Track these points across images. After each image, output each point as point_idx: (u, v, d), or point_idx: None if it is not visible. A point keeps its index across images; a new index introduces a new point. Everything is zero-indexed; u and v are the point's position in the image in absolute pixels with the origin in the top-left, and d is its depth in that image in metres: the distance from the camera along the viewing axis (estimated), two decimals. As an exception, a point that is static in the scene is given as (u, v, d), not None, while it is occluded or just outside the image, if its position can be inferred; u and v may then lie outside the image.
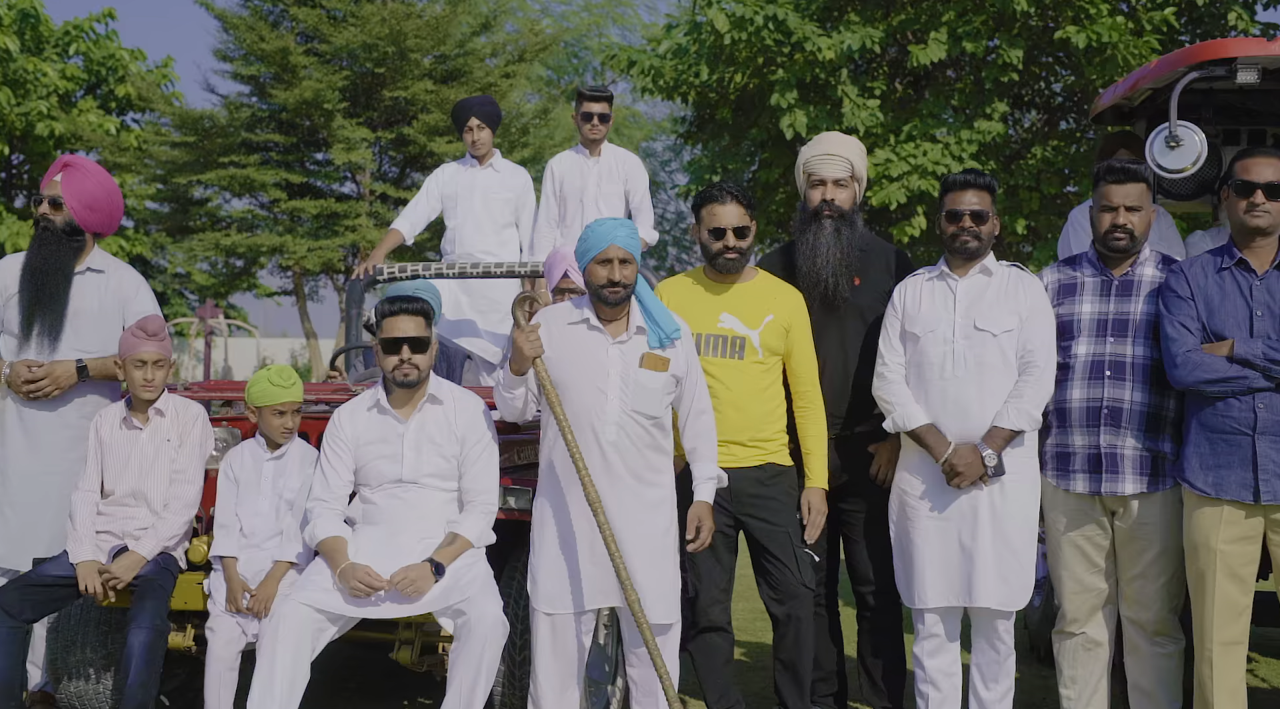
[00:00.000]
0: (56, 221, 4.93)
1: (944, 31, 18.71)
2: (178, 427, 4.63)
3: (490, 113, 7.11)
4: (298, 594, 4.17)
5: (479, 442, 4.40)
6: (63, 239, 4.93)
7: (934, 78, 20.82)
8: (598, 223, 4.27)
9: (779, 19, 18.48)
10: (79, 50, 19.62)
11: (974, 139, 19.08)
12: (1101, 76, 18.42)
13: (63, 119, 18.74)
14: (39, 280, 4.86)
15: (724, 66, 19.81)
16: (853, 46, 18.62)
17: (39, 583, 4.44)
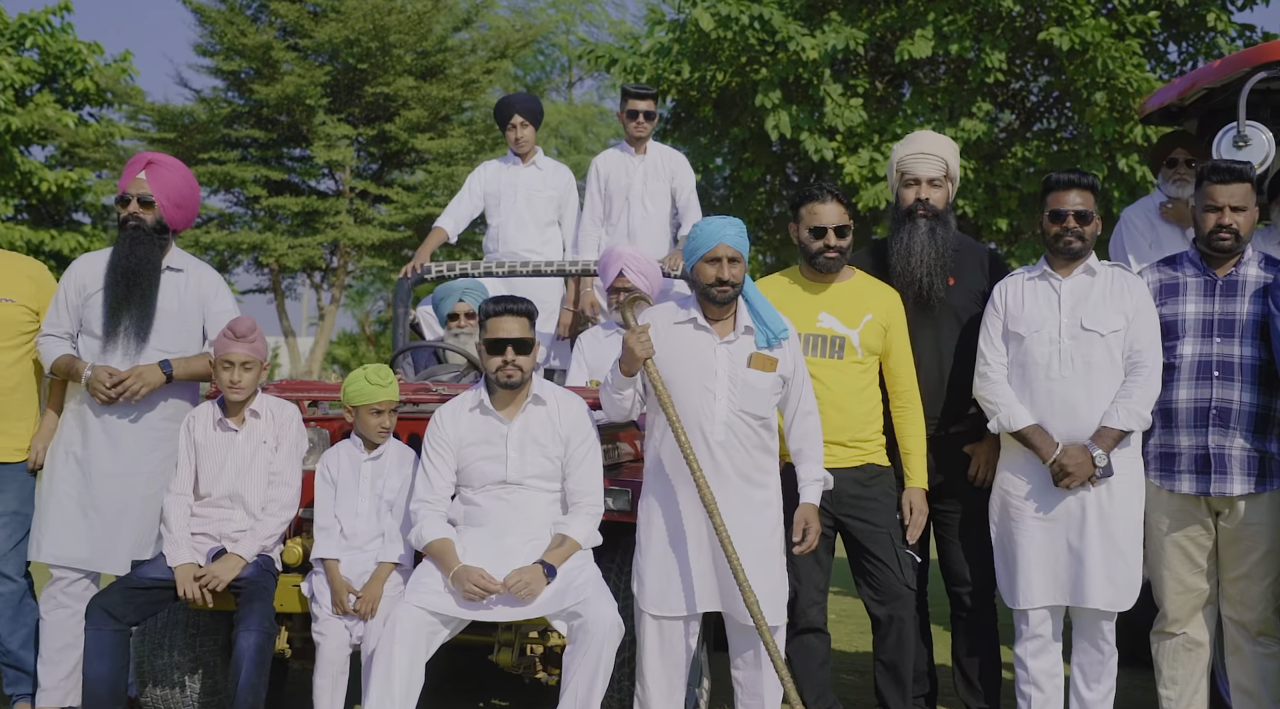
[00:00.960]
0: (148, 220, 4.84)
1: (930, 29, 18.83)
2: (273, 428, 4.56)
3: (533, 110, 7.05)
4: (411, 597, 4.11)
5: (583, 442, 4.36)
6: (153, 238, 4.84)
7: (914, 77, 20.94)
8: (706, 221, 4.25)
9: (764, 18, 18.52)
10: (35, 43, 19.24)
11: (958, 138, 19.22)
12: (1082, 78, 18.64)
13: (19, 113, 18.39)
14: (130, 280, 4.77)
15: (706, 65, 19.83)
16: (837, 46, 18.71)
17: (139, 586, 4.36)
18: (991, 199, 20.21)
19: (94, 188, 20.10)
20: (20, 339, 4.95)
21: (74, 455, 4.81)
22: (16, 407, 4.94)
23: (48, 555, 4.77)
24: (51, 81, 20.01)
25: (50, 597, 4.79)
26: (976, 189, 19.52)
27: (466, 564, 4.15)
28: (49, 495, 4.81)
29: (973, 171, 19.11)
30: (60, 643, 4.78)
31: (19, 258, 5.14)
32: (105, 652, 4.26)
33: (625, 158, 6.90)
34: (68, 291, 4.90)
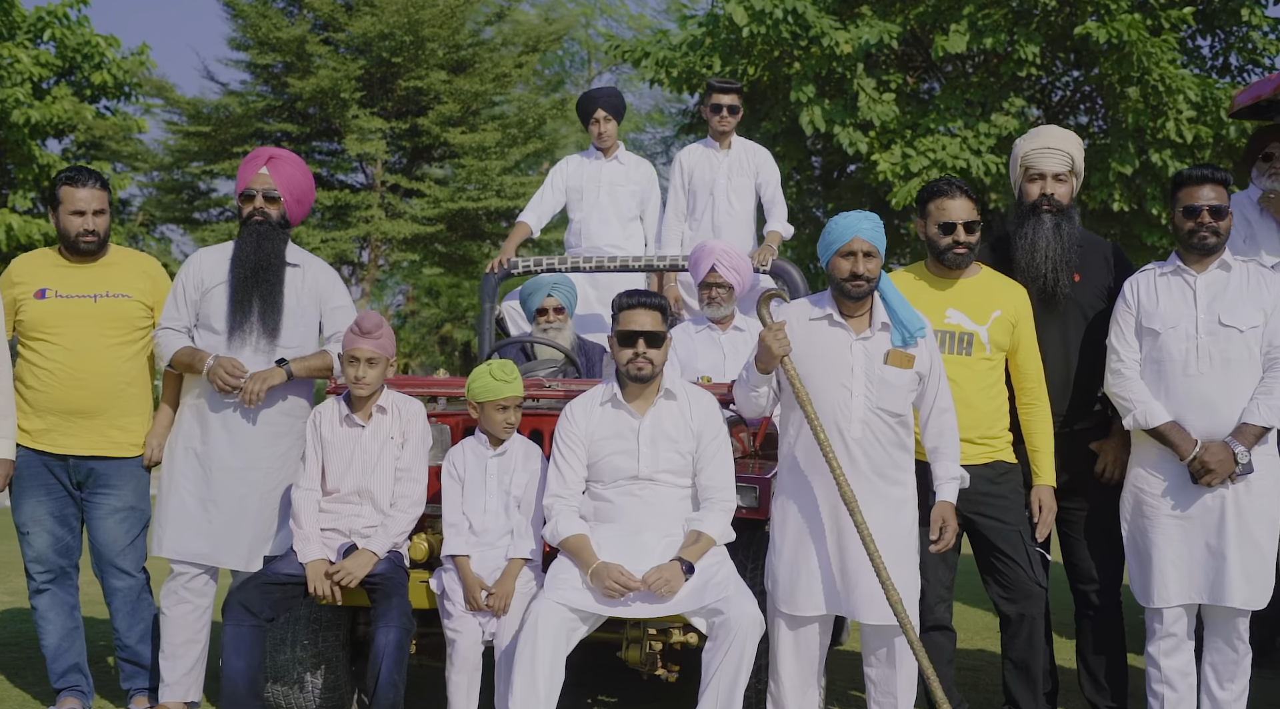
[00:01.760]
0: (273, 215, 4.83)
1: (964, 24, 18.78)
2: (400, 424, 4.55)
3: (617, 104, 7.02)
4: (551, 593, 4.10)
5: (715, 438, 4.35)
6: (278, 232, 4.83)
7: (947, 72, 20.88)
8: (842, 216, 4.23)
9: (798, 12, 18.49)
10: (52, 36, 19.21)
11: (991, 133, 19.17)
12: (1117, 73, 18.58)
13: (38, 107, 18.37)
14: (258, 275, 4.76)
15: (738, 59, 19.79)
16: (870, 41, 18.67)
17: (274, 581, 4.36)
18: (1023, 193, 20.16)
19: (112, 182, 20.10)
20: (136, 334, 4.95)
21: (193, 450, 4.81)
22: (132, 402, 4.94)
23: (169, 550, 4.77)
24: (68, 74, 20.00)
25: (171, 592, 4.79)
26: (1007, 183, 19.52)
27: (605, 561, 4.13)
28: (169, 491, 4.81)
29: (1004, 167, 19.10)
30: (182, 638, 4.78)
31: (134, 254, 5.14)
32: (244, 647, 4.25)
33: (709, 152, 6.87)
34: (185, 286, 4.89)
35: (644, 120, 37.65)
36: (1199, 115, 18.34)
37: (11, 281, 4.91)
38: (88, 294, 4.88)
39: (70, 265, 4.93)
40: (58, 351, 4.82)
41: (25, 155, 18.78)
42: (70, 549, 4.94)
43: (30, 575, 4.91)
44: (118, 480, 4.89)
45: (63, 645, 4.93)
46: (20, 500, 4.87)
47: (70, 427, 4.83)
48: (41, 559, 4.89)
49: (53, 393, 4.81)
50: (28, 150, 18.69)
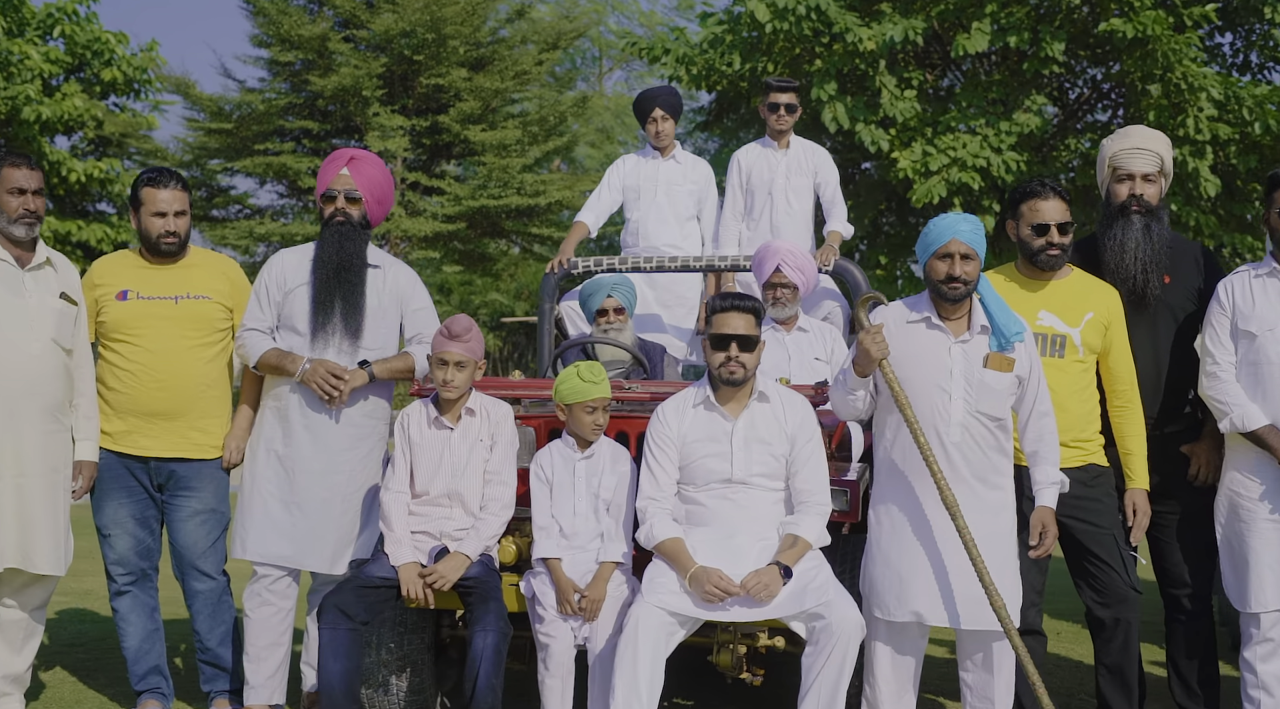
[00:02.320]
0: (354, 216, 4.80)
1: (986, 22, 18.76)
2: (489, 427, 4.53)
3: (674, 104, 6.99)
4: (650, 596, 4.08)
5: (810, 441, 4.33)
6: (359, 233, 4.81)
7: (967, 70, 20.85)
8: (940, 217, 4.21)
9: (820, 9, 18.46)
10: (62, 33, 19.17)
11: (1013, 131, 19.15)
12: (1139, 70, 18.55)
13: (48, 103, 18.35)
14: (340, 276, 4.74)
15: (758, 57, 19.77)
16: (895, 38, 18.64)
17: (368, 584, 4.34)
18: (1044, 191, 20.14)
19: (121, 178, 20.04)
20: (216, 336, 4.93)
21: (275, 452, 4.79)
22: (212, 404, 4.93)
23: (253, 553, 4.75)
24: (77, 71, 19.97)
25: (255, 594, 4.77)
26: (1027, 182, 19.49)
27: (703, 565, 4.11)
28: (251, 493, 4.79)
29: (1025, 164, 19.07)
30: (266, 640, 4.77)
31: (213, 255, 5.12)
32: (340, 651, 4.24)
33: (767, 152, 6.84)
34: (268, 286, 4.87)
35: (658, 116, 37.65)
36: (1220, 113, 18.35)
37: (93, 283, 4.90)
38: (169, 295, 4.86)
39: (151, 267, 4.91)
40: (139, 353, 4.80)
41: (35, 152, 18.76)
42: (151, 551, 4.93)
43: (111, 578, 4.90)
44: (198, 482, 4.88)
45: (143, 648, 4.92)
46: (102, 503, 4.86)
47: (151, 428, 4.82)
48: (123, 561, 4.88)
49: (134, 395, 4.80)
50: (38, 147, 18.67)
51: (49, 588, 4.78)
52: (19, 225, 4.61)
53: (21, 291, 4.61)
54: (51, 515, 4.62)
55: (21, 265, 4.65)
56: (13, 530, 4.53)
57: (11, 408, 4.52)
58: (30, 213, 4.61)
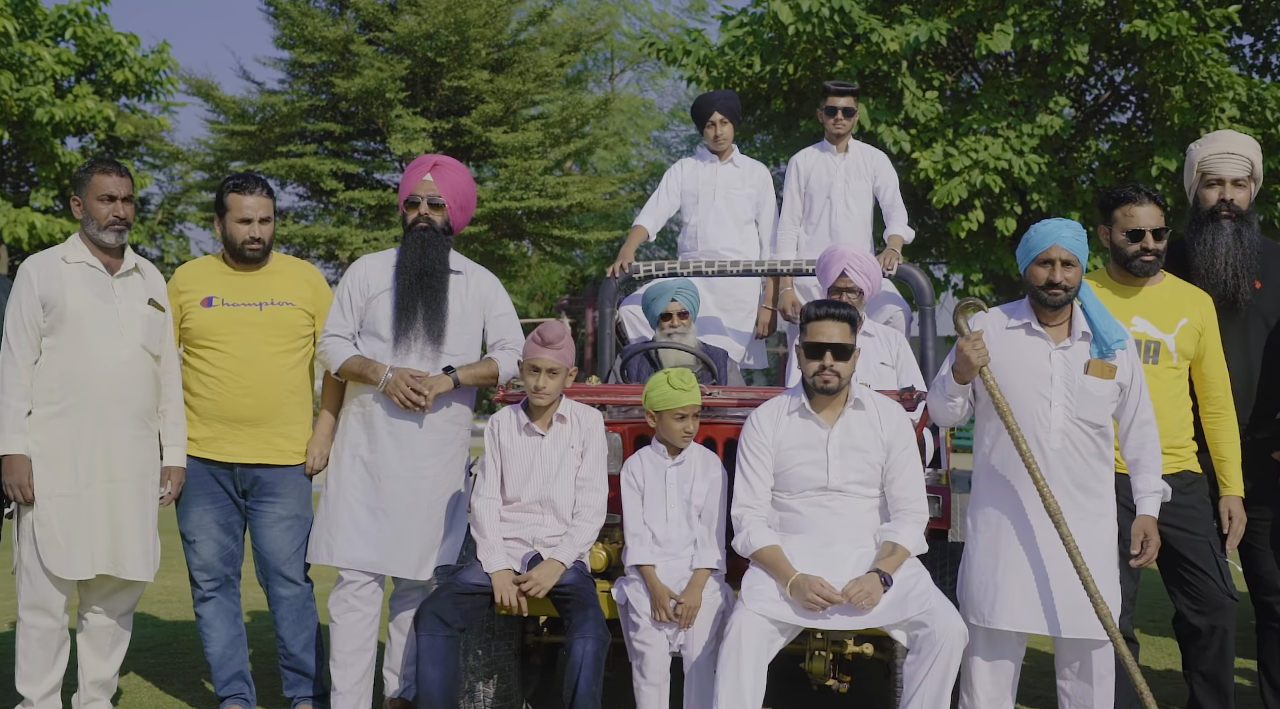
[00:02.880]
0: (437, 221, 4.80)
1: (1009, 23, 18.76)
2: (579, 433, 4.52)
3: (733, 108, 6.99)
4: (751, 604, 4.07)
5: (905, 448, 4.32)
6: (443, 239, 4.80)
7: (988, 72, 20.84)
8: (1042, 223, 4.20)
9: (844, 10, 18.46)
10: (74, 34, 19.15)
11: (1035, 133, 19.14)
12: (1163, 71, 18.54)
13: (60, 105, 18.34)
14: (423, 282, 4.73)
15: (779, 58, 19.76)
16: (919, 39, 18.63)
17: (463, 591, 4.33)
18: (1065, 193, 20.17)
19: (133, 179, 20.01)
20: (299, 342, 4.93)
21: (360, 459, 4.78)
22: (295, 410, 4.92)
23: (339, 559, 4.74)
24: (88, 73, 19.97)
25: (341, 600, 4.76)
26: (1050, 183, 19.49)
27: (804, 573, 4.10)
28: (337, 499, 4.78)
29: (1045, 166, 19.07)
30: (352, 646, 4.76)
31: (296, 261, 5.11)
32: (438, 657, 4.23)
33: (825, 156, 6.83)
34: (351, 293, 4.86)
35: (667, 118, 37.64)
36: (1242, 114, 18.34)
37: (178, 290, 4.89)
38: (253, 302, 4.86)
39: (235, 273, 4.91)
40: (225, 359, 4.80)
41: (47, 154, 18.75)
42: (234, 557, 4.93)
43: (196, 584, 4.90)
44: (282, 488, 4.87)
45: (227, 653, 4.92)
46: (186, 509, 4.86)
47: (236, 434, 4.81)
48: (207, 567, 4.88)
49: (220, 401, 4.79)
50: (50, 149, 18.66)
51: (136, 594, 4.78)
52: (109, 232, 4.61)
53: (111, 298, 4.61)
54: (141, 521, 4.62)
55: (111, 272, 4.65)
56: (104, 536, 4.53)
57: (102, 414, 4.52)
58: (120, 219, 4.62)
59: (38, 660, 4.58)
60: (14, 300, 4.55)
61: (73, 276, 4.58)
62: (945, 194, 18.75)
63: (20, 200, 19.44)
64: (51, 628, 4.58)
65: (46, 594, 4.53)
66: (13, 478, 4.46)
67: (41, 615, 4.55)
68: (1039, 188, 19.40)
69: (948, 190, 18.84)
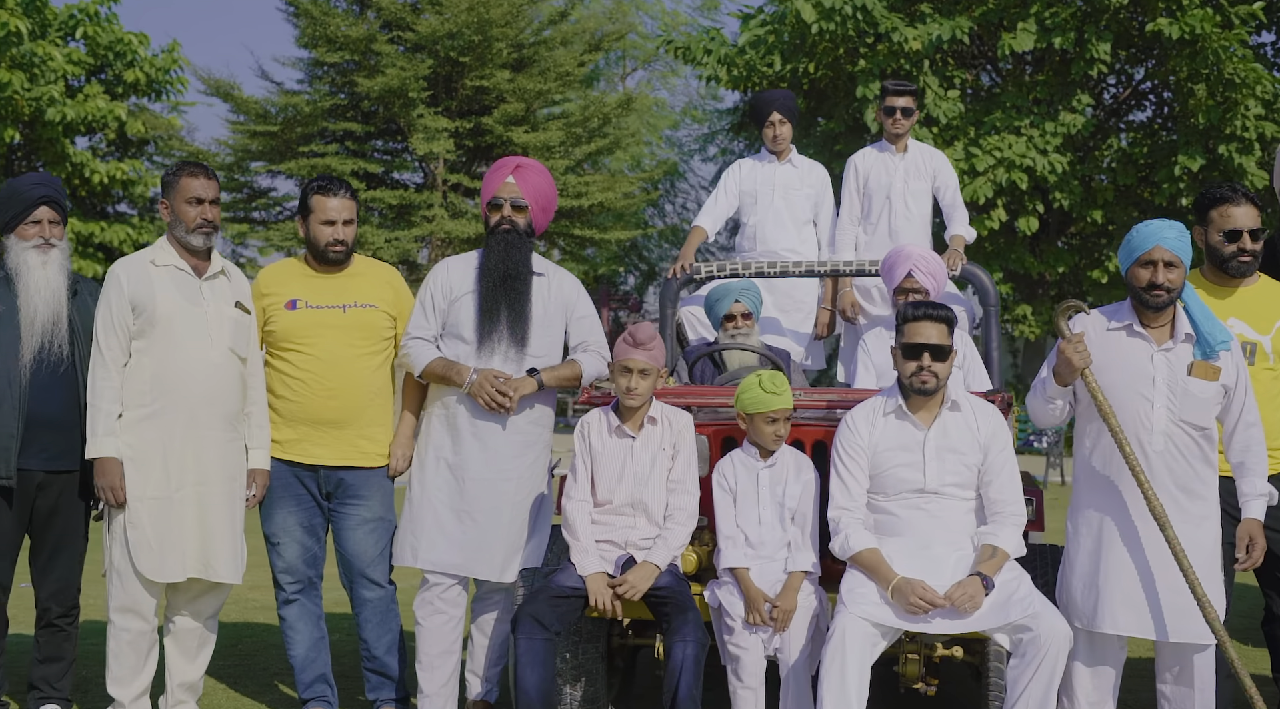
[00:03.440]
0: (520, 223, 4.79)
1: (1032, 22, 18.75)
2: (671, 436, 4.51)
3: (791, 107, 6.96)
4: (853, 608, 4.06)
5: (1003, 450, 4.30)
6: (525, 241, 4.79)
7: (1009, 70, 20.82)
8: (1144, 223, 4.18)
9: (866, 9, 18.45)
10: (84, 34, 19.11)
11: (1058, 131, 19.13)
12: (1185, 68, 18.51)
13: (71, 104, 18.32)
14: (507, 284, 4.71)
15: (800, 57, 19.75)
16: (942, 37, 18.62)
17: (559, 594, 4.32)
18: (1086, 191, 20.15)
19: (144, 179, 20.00)
20: (382, 344, 4.92)
21: (445, 460, 4.77)
22: (378, 412, 4.91)
23: (424, 561, 4.73)
24: (98, 72, 19.95)
25: (426, 602, 4.75)
26: (1071, 181, 19.49)
27: (906, 576, 4.09)
28: (421, 501, 4.77)
29: (1068, 164, 19.06)
30: (438, 649, 4.75)
31: (376, 264, 5.10)
32: (537, 660, 4.22)
33: (884, 156, 6.80)
34: (433, 295, 4.85)
35: (680, 117, 37.60)
36: (1267, 112, 18.32)
37: (260, 292, 4.88)
38: (337, 304, 4.85)
39: (318, 275, 4.90)
40: (310, 362, 4.79)
41: (58, 153, 18.74)
42: (317, 559, 4.92)
43: (280, 586, 4.89)
44: (366, 491, 4.86)
45: (310, 656, 4.91)
46: (271, 511, 4.84)
47: (321, 437, 4.80)
48: (291, 570, 4.87)
49: (305, 403, 4.78)
50: (61, 148, 18.64)
51: (223, 596, 4.78)
52: (196, 234, 4.61)
53: (199, 301, 4.60)
54: (230, 524, 4.61)
55: (199, 275, 4.64)
56: (194, 539, 4.53)
57: (192, 416, 4.52)
58: (208, 222, 4.61)
59: (128, 663, 4.58)
60: (104, 303, 4.54)
61: (162, 280, 4.57)
62: (970, 193, 18.76)
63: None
64: (142, 630, 4.58)
65: (138, 597, 4.53)
66: (105, 480, 4.46)
67: (133, 618, 4.55)
68: (1061, 186, 19.42)
69: (972, 189, 18.84)
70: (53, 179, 4.74)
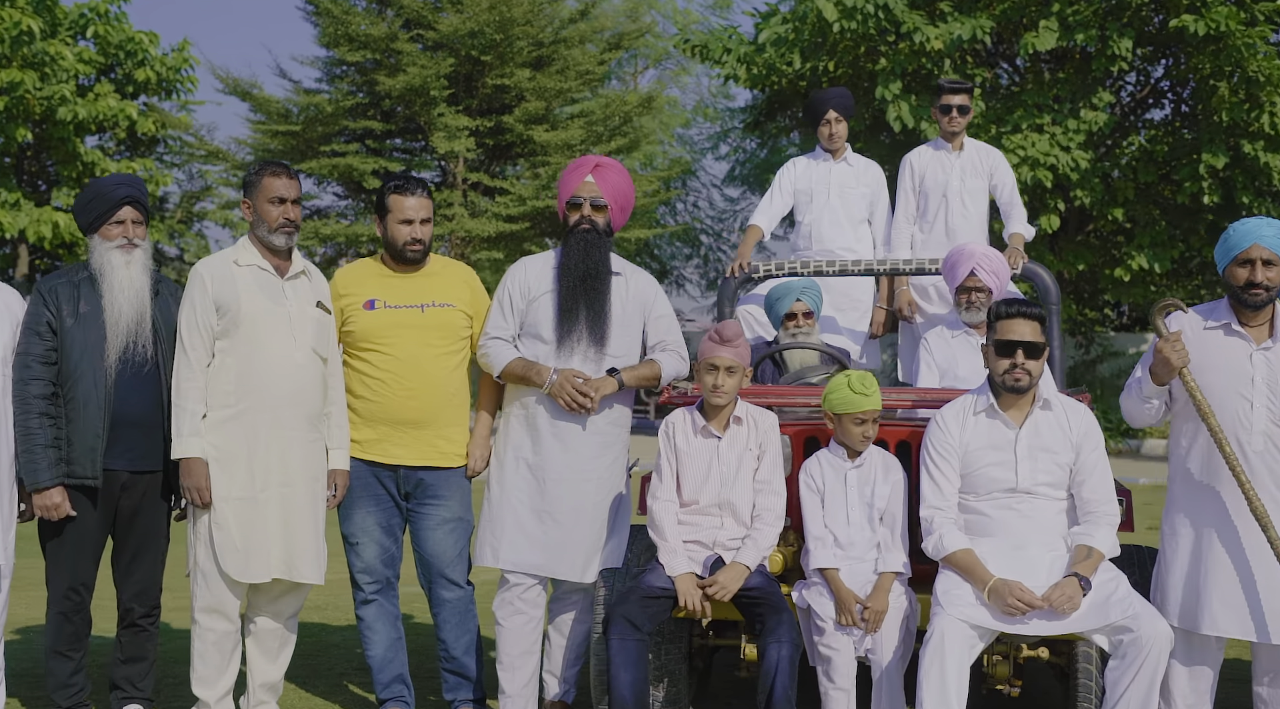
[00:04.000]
0: (599, 223, 4.77)
1: (1054, 20, 18.71)
2: (757, 436, 4.48)
3: (848, 105, 6.93)
4: (950, 609, 4.04)
5: (1095, 449, 4.28)
6: (604, 241, 4.78)
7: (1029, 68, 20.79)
8: (1242, 222, 4.16)
9: (888, 8, 18.42)
10: (95, 33, 19.07)
11: (1080, 129, 19.09)
12: (1208, 66, 18.48)
13: (83, 103, 18.28)
14: (586, 284, 4.70)
15: (821, 56, 19.71)
16: (963, 36, 18.58)
17: (649, 595, 4.30)
18: (1107, 189, 20.11)
19: (154, 178, 19.98)
20: (459, 344, 4.90)
21: (524, 461, 4.75)
22: (456, 412, 4.89)
23: (505, 562, 4.72)
24: (108, 71, 19.93)
25: (507, 603, 4.74)
26: (1093, 179, 19.44)
27: (1003, 578, 4.06)
28: (501, 502, 4.75)
29: (1088, 162, 19.02)
30: (519, 649, 4.74)
31: (453, 263, 5.08)
32: (630, 661, 4.20)
33: (940, 154, 6.79)
34: (511, 295, 4.84)
35: (691, 115, 37.57)
36: (1292, 109, 18.28)
37: (338, 293, 4.86)
38: (415, 304, 4.83)
39: (395, 275, 4.88)
40: (389, 362, 4.77)
41: (69, 153, 18.70)
42: (395, 560, 4.90)
43: (358, 586, 4.87)
44: (445, 491, 4.84)
45: (387, 656, 4.89)
46: (350, 511, 4.82)
47: (401, 437, 4.78)
48: (370, 570, 4.85)
49: (385, 403, 4.76)
50: (72, 148, 18.60)
51: (303, 596, 4.76)
52: (279, 234, 4.59)
53: (282, 301, 4.59)
54: (313, 524, 4.60)
55: (281, 275, 4.62)
56: (278, 540, 4.51)
57: (277, 417, 4.50)
58: (290, 222, 4.59)
59: (213, 663, 4.57)
60: (187, 303, 4.53)
61: (245, 280, 4.56)
62: (989, 192, 18.73)
63: (41, 200, 19.39)
64: (227, 631, 4.56)
65: (222, 597, 4.51)
66: (190, 481, 4.44)
67: (217, 619, 4.53)
68: (1082, 184, 19.38)
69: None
70: (136, 179, 4.72)
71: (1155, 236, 20.19)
